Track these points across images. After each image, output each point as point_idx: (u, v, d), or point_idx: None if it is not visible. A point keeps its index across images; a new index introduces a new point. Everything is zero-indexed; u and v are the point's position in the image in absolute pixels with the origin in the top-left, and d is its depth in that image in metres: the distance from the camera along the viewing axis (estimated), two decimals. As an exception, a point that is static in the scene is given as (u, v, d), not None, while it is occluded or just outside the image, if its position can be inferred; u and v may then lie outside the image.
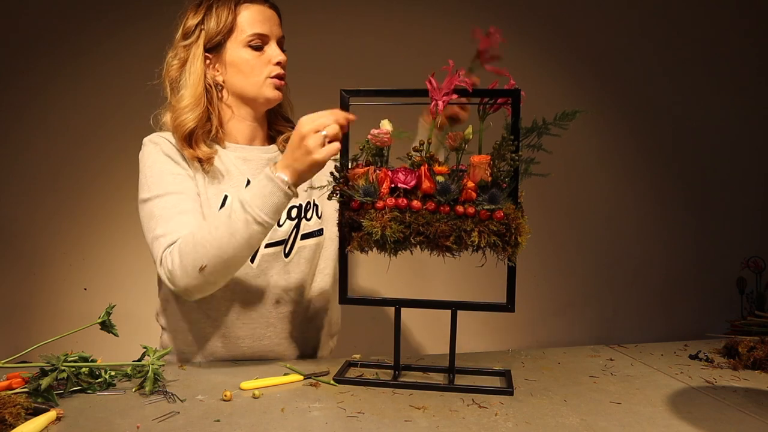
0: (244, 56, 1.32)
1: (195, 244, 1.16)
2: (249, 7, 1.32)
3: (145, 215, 1.27)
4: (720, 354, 1.42)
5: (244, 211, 1.15)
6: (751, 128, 2.48)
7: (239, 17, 1.31)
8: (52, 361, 1.07)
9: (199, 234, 1.17)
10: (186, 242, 1.18)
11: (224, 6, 1.31)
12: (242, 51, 1.32)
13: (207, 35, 1.32)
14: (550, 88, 2.26)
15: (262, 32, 1.32)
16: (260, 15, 1.33)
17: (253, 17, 1.32)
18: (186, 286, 1.19)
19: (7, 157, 2.02)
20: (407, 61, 2.18)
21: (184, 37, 1.33)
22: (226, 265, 1.18)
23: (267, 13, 1.34)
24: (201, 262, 1.16)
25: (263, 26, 1.32)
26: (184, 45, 1.33)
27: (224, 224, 1.16)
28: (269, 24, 1.33)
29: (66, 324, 1.27)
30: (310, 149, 1.11)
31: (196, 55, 1.32)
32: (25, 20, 2.01)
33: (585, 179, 2.38)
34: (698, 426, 1.00)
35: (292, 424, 0.98)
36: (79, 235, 2.08)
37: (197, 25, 1.32)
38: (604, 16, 2.36)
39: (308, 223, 1.40)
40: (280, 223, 1.35)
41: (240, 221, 1.15)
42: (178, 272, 1.18)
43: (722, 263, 2.39)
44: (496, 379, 1.23)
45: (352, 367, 1.27)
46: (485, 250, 1.11)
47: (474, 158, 1.09)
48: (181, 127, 1.29)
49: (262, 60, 1.33)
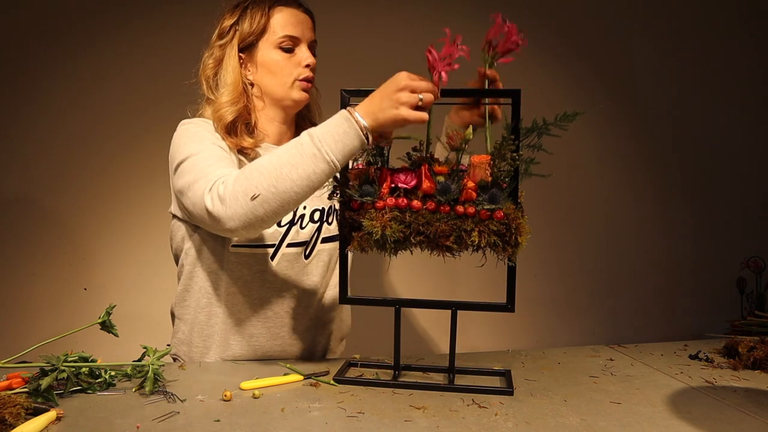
0: (275, 57, 1.35)
1: (252, 170, 1.11)
2: (282, 9, 1.35)
3: (185, 171, 1.21)
4: (720, 354, 1.42)
5: (312, 144, 1.09)
6: (751, 128, 2.48)
7: (272, 19, 1.34)
8: (52, 361, 1.07)
9: (257, 162, 1.13)
10: (242, 171, 1.13)
11: (258, 8, 1.34)
12: (273, 52, 1.35)
13: (241, 35, 1.35)
14: (550, 88, 2.26)
15: (294, 34, 1.35)
16: (293, 18, 1.35)
17: (286, 20, 1.35)
18: (232, 215, 1.10)
19: (6, 157, 2.02)
20: (407, 61, 2.17)
21: (219, 37, 1.37)
22: (280, 200, 1.09)
23: (300, 17, 1.37)
24: (255, 190, 1.09)
25: (295, 29, 1.35)
26: (220, 44, 1.36)
27: (288, 153, 1.10)
28: (301, 27, 1.36)
29: (66, 324, 1.27)
30: (400, 103, 1.07)
31: (230, 54, 1.35)
32: (23, 19, 2.01)
33: (585, 179, 2.38)
34: (698, 426, 1.00)
35: (292, 424, 0.98)
36: (79, 235, 2.08)
37: (232, 25, 1.35)
38: (604, 16, 2.36)
39: (329, 227, 1.41)
40: (303, 225, 1.37)
41: (307, 154, 1.09)
42: (228, 199, 1.10)
43: (722, 263, 2.39)
44: (496, 379, 1.23)
45: (352, 367, 1.27)
46: (485, 250, 1.11)
47: (474, 158, 1.09)
48: (222, 119, 1.31)
49: (292, 62, 1.35)
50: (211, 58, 1.37)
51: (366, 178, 1.12)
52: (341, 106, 1.15)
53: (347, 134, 1.09)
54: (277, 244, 1.34)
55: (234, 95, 1.33)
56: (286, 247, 1.35)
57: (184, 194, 1.21)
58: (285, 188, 1.09)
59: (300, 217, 1.37)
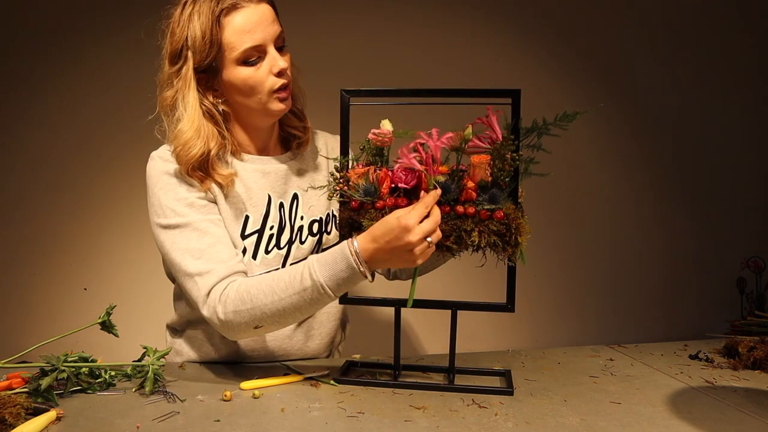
0: (240, 75, 1.18)
1: (253, 308, 1.11)
2: (234, 15, 1.15)
3: (167, 245, 1.18)
4: (720, 354, 1.42)
5: (318, 290, 1.08)
6: (751, 128, 2.48)
7: (225, 32, 1.16)
8: (52, 361, 1.07)
9: (259, 297, 1.10)
10: (242, 299, 1.11)
11: (206, 21, 1.15)
12: (237, 70, 1.18)
13: (195, 58, 1.17)
14: (550, 88, 2.26)
15: (255, 44, 1.17)
16: (248, 23, 1.16)
17: (241, 29, 1.15)
18: (234, 336, 1.17)
19: (7, 157, 2.02)
20: (407, 61, 2.18)
21: (171, 61, 1.20)
22: (283, 326, 1.17)
23: (256, 16, 1.17)
24: (258, 323, 1.12)
25: (254, 36, 1.16)
26: (173, 71, 1.20)
27: (291, 296, 1.09)
28: (261, 28, 1.17)
29: (66, 324, 1.27)
30: (416, 256, 1.05)
31: (186, 81, 1.18)
32: (26, 20, 2.01)
33: (585, 179, 2.38)
34: (698, 426, 1.00)
35: (292, 424, 0.98)
36: (79, 235, 2.08)
37: (182, 47, 1.18)
38: (604, 15, 2.36)
39: (329, 237, 1.35)
40: (303, 240, 1.31)
41: (312, 300, 1.10)
42: (229, 326, 1.13)
43: (722, 263, 2.39)
44: (496, 379, 1.23)
45: (352, 367, 1.27)
46: (485, 250, 1.11)
47: (474, 158, 1.09)
48: (188, 162, 1.18)
49: (261, 74, 1.19)
50: (167, 90, 1.21)
51: (366, 178, 1.12)
52: (341, 106, 1.15)
53: (352, 280, 1.09)
54: (280, 267, 1.28)
55: (193, 131, 1.18)
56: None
57: (174, 273, 1.19)
58: (288, 321, 1.15)
59: (299, 230, 1.31)
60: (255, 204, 1.27)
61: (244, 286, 1.12)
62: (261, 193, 1.28)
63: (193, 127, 1.18)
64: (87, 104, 2.05)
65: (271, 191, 1.29)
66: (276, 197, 1.29)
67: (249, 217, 1.26)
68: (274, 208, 1.29)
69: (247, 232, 1.25)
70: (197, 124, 1.19)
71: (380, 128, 1.14)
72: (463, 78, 2.18)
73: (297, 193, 1.32)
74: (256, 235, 1.26)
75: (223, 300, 1.12)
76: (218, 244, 1.17)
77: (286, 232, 1.29)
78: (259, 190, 1.28)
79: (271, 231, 1.28)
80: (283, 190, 1.31)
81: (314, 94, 1.40)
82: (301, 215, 1.32)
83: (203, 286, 1.14)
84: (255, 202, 1.27)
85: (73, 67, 2.04)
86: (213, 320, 1.14)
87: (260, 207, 1.27)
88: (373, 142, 1.14)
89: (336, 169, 1.17)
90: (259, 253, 1.26)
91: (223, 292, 1.13)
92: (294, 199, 1.32)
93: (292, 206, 1.31)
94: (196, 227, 1.17)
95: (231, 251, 1.19)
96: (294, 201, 1.32)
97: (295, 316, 1.13)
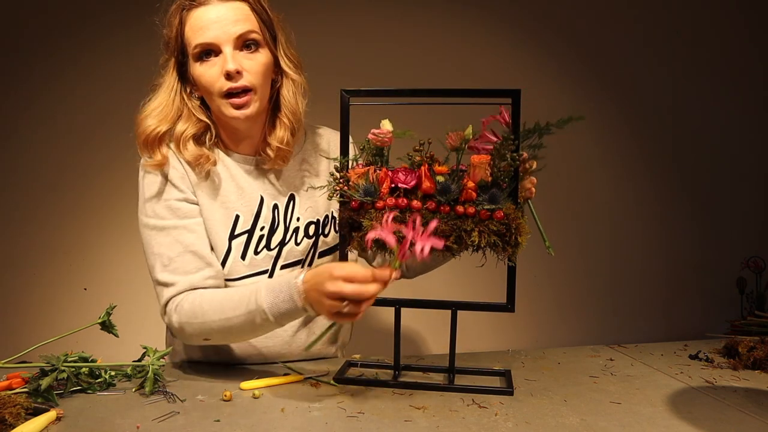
0: (196, 72, 1.19)
1: (203, 322, 1.15)
2: (193, 12, 1.17)
3: (145, 242, 1.23)
4: (720, 354, 1.42)
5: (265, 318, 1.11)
6: (751, 128, 2.48)
7: (185, 27, 1.17)
8: (52, 362, 1.07)
9: (209, 314, 1.14)
10: (194, 313, 1.16)
11: (175, 15, 1.19)
12: (194, 67, 1.19)
13: (172, 52, 1.21)
14: (550, 88, 2.26)
15: (204, 41, 1.15)
16: (202, 19, 1.15)
17: (195, 25, 1.16)
18: (186, 341, 1.24)
19: (7, 157, 2.02)
20: (407, 61, 2.18)
21: (163, 50, 1.25)
22: (230, 342, 1.24)
23: (211, 14, 1.15)
24: (206, 336, 1.18)
25: (205, 33, 1.15)
26: (162, 63, 1.25)
27: (239, 318, 1.13)
28: (218, 26, 1.14)
29: (66, 324, 1.27)
30: (325, 307, 1.04)
31: (168, 69, 1.23)
32: (27, 20, 2.01)
33: (585, 179, 2.38)
34: (698, 426, 1.00)
35: (292, 424, 0.98)
36: (79, 235, 2.08)
37: (167, 41, 1.22)
38: (604, 16, 2.36)
39: (326, 239, 1.33)
40: (298, 241, 1.30)
41: (258, 324, 1.12)
42: (182, 333, 1.20)
43: (722, 263, 2.39)
44: (496, 379, 1.23)
45: (352, 367, 1.27)
46: (485, 250, 1.11)
47: (474, 158, 1.09)
48: (145, 135, 1.20)
49: (212, 74, 1.16)
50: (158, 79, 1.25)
51: (366, 178, 1.12)
52: (341, 106, 1.15)
53: (291, 312, 1.10)
54: (270, 269, 1.28)
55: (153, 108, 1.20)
56: (281, 269, 1.28)
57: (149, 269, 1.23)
58: (236, 339, 1.22)
59: (294, 231, 1.29)
60: (246, 204, 1.27)
61: (199, 300, 1.17)
62: (254, 193, 1.28)
63: (156, 106, 1.21)
64: (87, 104, 2.05)
65: (264, 192, 1.29)
66: (270, 199, 1.29)
67: (239, 216, 1.26)
68: (267, 208, 1.28)
69: (236, 232, 1.25)
70: (163, 104, 1.21)
71: (380, 128, 1.14)
72: (463, 78, 2.18)
73: (294, 194, 1.31)
74: (246, 235, 1.26)
75: (178, 310, 1.18)
76: (187, 254, 1.19)
77: (278, 233, 1.28)
78: (251, 191, 1.27)
79: (261, 231, 1.27)
80: (279, 192, 1.30)
81: (314, 93, 1.40)
82: (298, 216, 1.31)
83: (165, 295, 1.19)
84: (246, 201, 1.27)
85: (73, 68, 2.04)
86: (170, 326, 1.21)
87: (252, 207, 1.27)
88: (373, 142, 1.14)
89: (336, 169, 1.17)
90: (248, 254, 1.26)
91: (180, 303, 1.18)
92: (290, 200, 1.31)
93: (288, 207, 1.30)
94: (169, 233, 1.20)
95: (198, 262, 1.20)
96: (290, 202, 1.30)
97: (241, 336, 1.19)
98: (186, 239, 1.20)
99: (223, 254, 1.24)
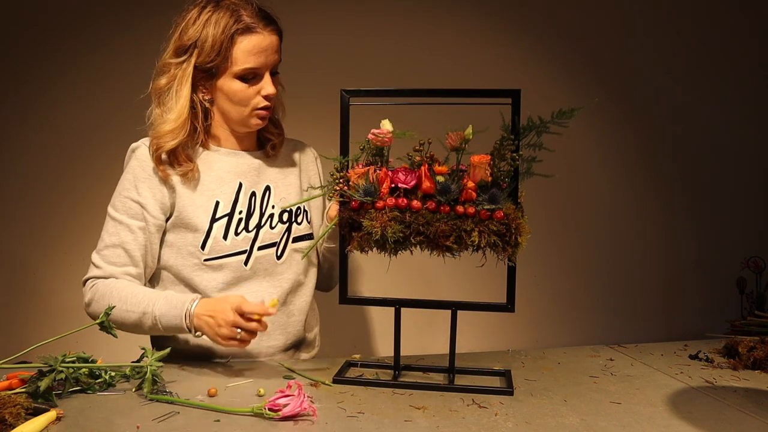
0: (234, 87, 1.31)
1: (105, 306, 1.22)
2: (248, 37, 1.29)
3: (107, 216, 1.36)
4: (720, 354, 1.42)
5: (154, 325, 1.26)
6: (751, 128, 2.48)
7: (236, 47, 1.28)
8: (50, 362, 1.07)
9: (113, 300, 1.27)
10: (102, 295, 1.29)
11: (223, 31, 1.27)
12: (233, 82, 1.31)
13: (200, 57, 1.29)
14: (550, 88, 2.26)
15: (256, 66, 1.30)
16: (257, 47, 1.29)
17: (249, 50, 1.29)
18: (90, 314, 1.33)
19: (8, 157, 2.02)
20: (407, 61, 2.18)
21: (175, 53, 1.31)
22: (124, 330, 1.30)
23: (265, 43, 1.30)
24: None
25: (258, 59, 1.30)
26: (176, 62, 1.31)
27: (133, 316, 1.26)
28: (265, 55, 1.30)
29: (66, 324, 1.27)
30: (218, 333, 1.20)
31: (185, 76, 1.31)
32: (26, 22, 2.01)
33: (585, 179, 2.38)
34: (698, 426, 1.00)
35: (293, 424, 0.98)
36: (80, 234, 2.08)
37: (191, 45, 1.29)
38: (605, 15, 2.36)
39: (299, 227, 1.43)
40: (273, 225, 1.40)
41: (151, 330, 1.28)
42: (89, 310, 1.32)
43: (722, 263, 2.39)
44: (496, 379, 1.23)
45: (352, 367, 1.27)
46: (485, 250, 1.11)
47: (474, 158, 1.09)
48: (160, 149, 1.31)
49: (251, 92, 1.32)
50: (164, 76, 1.32)
51: (366, 178, 1.12)
52: (341, 106, 1.15)
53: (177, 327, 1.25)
54: (248, 249, 1.36)
55: (177, 123, 1.30)
56: (258, 250, 1.37)
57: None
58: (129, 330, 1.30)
59: (269, 217, 1.39)
60: (225, 191, 1.37)
61: (111, 285, 1.30)
62: (232, 181, 1.38)
63: (179, 121, 1.31)
64: (88, 105, 2.05)
65: (243, 179, 1.39)
66: (248, 186, 1.39)
67: (219, 202, 1.35)
68: (244, 195, 1.38)
69: (218, 215, 1.35)
70: (183, 119, 1.31)
71: (380, 128, 1.14)
72: (463, 78, 2.18)
73: (269, 185, 1.42)
74: (227, 218, 1.35)
75: (92, 289, 1.32)
76: (120, 248, 1.33)
77: (255, 218, 1.38)
78: (230, 179, 1.38)
79: (240, 215, 1.37)
80: (256, 182, 1.41)
81: (315, 93, 1.40)
82: (273, 205, 1.41)
83: (90, 273, 1.34)
84: (225, 189, 1.37)
85: (73, 68, 2.04)
86: (86, 293, 1.33)
87: (230, 193, 1.37)
88: (373, 142, 1.14)
89: (336, 169, 1.17)
90: (229, 234, 1.35)
91: (96, 284, 1.32)
92: (266, 190, 1.42)
93: (264, 196, 1.41)
94: (115, 225, 1.34)
95: (126, 260, 1.33)
96: (266, 192, 1.41)
97: (134, 330, 1.29)
98: (124, 236, 1.33)
99: (204, 235, 1.33)
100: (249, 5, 1.30)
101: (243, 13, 1.28)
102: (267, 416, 0.99)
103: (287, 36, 1.37)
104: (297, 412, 0.99)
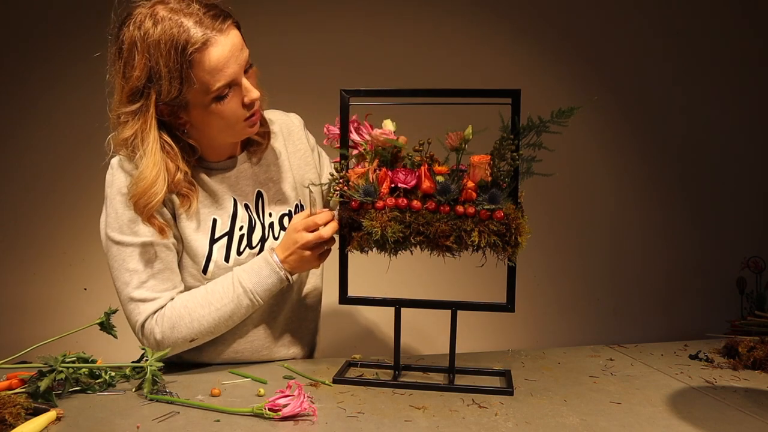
0: (214, 111, 1.13)
1: (191, 320, 1.19)
2: (206, 52, 1.07)
3: (117, 261, 1.19)
4: (720, 354, 1.42)
5: (247, 297, 1.20)
6: (751, 128, 2.48)
7: (195, 69, 1.07)
8: (50, 362, 1.07)
9: (196, 310, 1.19)
10: (179, 315, 1.19)
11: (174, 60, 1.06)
12: (209, 108, 1.13)
13: (160, 97, 1.10)
14: (550, 88, 2.26)
15: (229, 79, 1.10)
16: (222, 59, 1.08)
17: (215, 66, 1.08)
18: (169, 350, 1.17)
19: (8, 157, 2.02)
20: (407, 61, 2.18)
21: (128, 100, 1.12)
22: (215, 335, 1.24)
23: (227, 48, 1.09)
24: (193, 336, 1.20)
25: (228, 70, 1.09)
26: (131, 111, 1.11)
27: (225, 306, 1.20)
28: (233, 61, 1.10)
29: (66, 324, 1.27)
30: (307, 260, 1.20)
31: (147, 121, 1.11)
32: (29, 22, 2.01)
33: (585, 179, 2.38)
34: (698, 426, 1.00)
35: (293, 424, 0.98)
36: (79, 235, 2.08)
37: (143, 87, 1.10)
38: (605, 15, 2.36)
39: None
40: (276, 235, 1.32)
41: (243, 306, 1.21)
42: (166, 343, 1.19)
43: (722, 263, 2.39)
44: (496, 379, 1.23)
45: (352, 367, 1.27)
46: (485, 250, 1.10)
47: (474, 158, 1.09)
48: (148, 211, 1.14)
49: (233, 106, 1.14)
50: (125, 128, 1.13)
51: (366, 178, 1.12)
52: (341, 106, 1.15)
53: (276, 285, 1.22)
54: None
55: (153, 175, 1.11)
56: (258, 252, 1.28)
57: (117, 289, 1.21)
58: (221, 330, 1.23)
59: (270, 227, 1.31)
60: (222, 207, 1.27)
61: (179, 301, 1.20)
62: (225, 195, 1.27)
63: (153, 172, 1.12)
64: (87, 105, 2.03)
65: (235, 194, 1.29)
66: (241, 199, 1.29)
67: (217, 220, 1.26)
68: (241, 208, 1.29)
69: (216, 236, 1.25)
70: (158, 168, 1.12)
71: (382, 128, 1.14)
72: (463, 78, 2.18)
73: (260, 191, 1.32)
74: (226, 237, 1.26)
75: (159, 321, 1.19)
76: (167, 270, 1.21)
77: (258, 231, 1.29)
78: (223, 194, 1.27)
79: (241, 231, 1.27)
80: (246, 192, 1.30)
81: (314, 93, 1.39)
82: (269, 212, 1.32)
83: (144, 311, 1.19)
84: (221, 205, 1.27)
85: (74, 68, 2.04)
86: (148, 342, 1.20)
87: (227, 209, 1.27)
88: (375, 142, 1.14)
89: (336, 169, 1.17)
90: (231, 255, 1.26)
91: (159, 315, 1.19)
92: (258, 197, 1.32)
93: (258, 204, 1.31)
94: (148, 249, 1.19)
95: (176, 278, 1.23)
96: (259, 199, 1.32)
97: (227, 324, 1.22)
98: (165, 257, 1.21)
99: (204, 259, 1.24)
100: (188, 8, 1.08)
101: (188, 25, 1.06)
102: (267, 416, 0.99)
103: (287, 35, 1.36)
104: (297, 412, 0.99)
